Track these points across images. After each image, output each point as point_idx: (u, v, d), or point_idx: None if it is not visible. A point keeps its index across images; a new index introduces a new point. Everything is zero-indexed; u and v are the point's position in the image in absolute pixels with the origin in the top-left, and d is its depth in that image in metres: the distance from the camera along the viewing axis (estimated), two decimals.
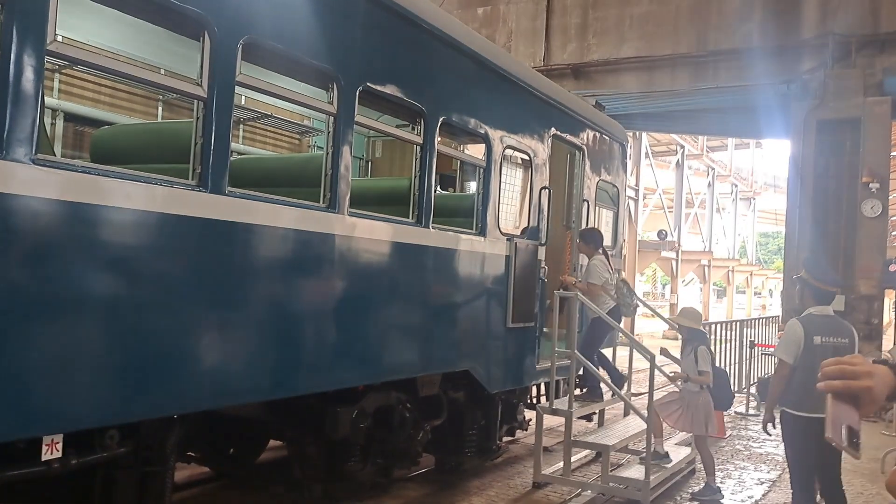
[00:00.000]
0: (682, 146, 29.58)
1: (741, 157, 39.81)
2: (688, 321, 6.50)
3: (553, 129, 6.84)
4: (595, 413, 7.54)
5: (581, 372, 6.95)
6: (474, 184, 6.47)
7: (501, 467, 7.05)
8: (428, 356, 5.34)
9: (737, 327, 12.69)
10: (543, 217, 6.61)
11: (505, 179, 6.15)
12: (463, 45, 5.46)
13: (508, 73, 6.11)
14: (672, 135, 26.88)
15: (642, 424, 6.37)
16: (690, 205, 32.73)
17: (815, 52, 11.40)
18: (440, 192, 6.59)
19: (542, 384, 7.28)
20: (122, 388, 3.18)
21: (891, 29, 10.91)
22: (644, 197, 26.89)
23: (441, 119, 5.15)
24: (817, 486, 4.84)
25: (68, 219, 2.92)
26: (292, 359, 4.06)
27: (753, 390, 11.37)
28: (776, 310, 27.17)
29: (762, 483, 7.02)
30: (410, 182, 5.08)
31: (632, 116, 14.53)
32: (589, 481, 6.45)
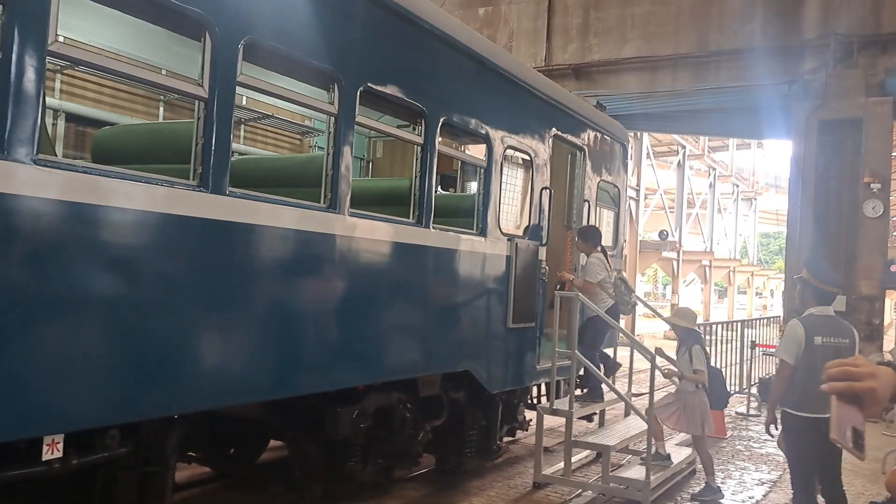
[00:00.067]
0: (684, 146, 29.58)
1: (742, 158, 39.85)
2: (683, 321, 6.53)
3: (554, 130, 6.84)
4: (595, 413, 7.54)
5: (582, 372, 6.96)
6: (475, 184, 6.47)
7: (502, 468, 7.05)
8: (428, 356, 5.34)
9: (738, 328, 12.69)
10: (544, 217, 6.61)
11: (506, 180, 6.14)
12: (464, 46, 5.46)
13: (509, 74, 6.11)
14: (673, 135, 26.88)
15: (643, 425, 6.37)
16: (692, 205, 32.74)
17: (817, 53, 11.40)
18: (441, 193, 6.59)
19: (543, 384, 7.28)
20: (123, 388, 3.19)
21: (892, 29, 10.91)
22: (645, 197, 26.88)
23: (442, 119, 5.15)
24: (818, 487, 4.84)
25: (69, 219, 2.92)
26: (293, 359, 4.06)
27: (754, 391, 11.37)
28: (777, 310, 27.17)
29: (763, 483, 7.02)
30: (411, 182, 5.08)
31: (633, 117, 14.53)
32: (589, 482, 6.45)
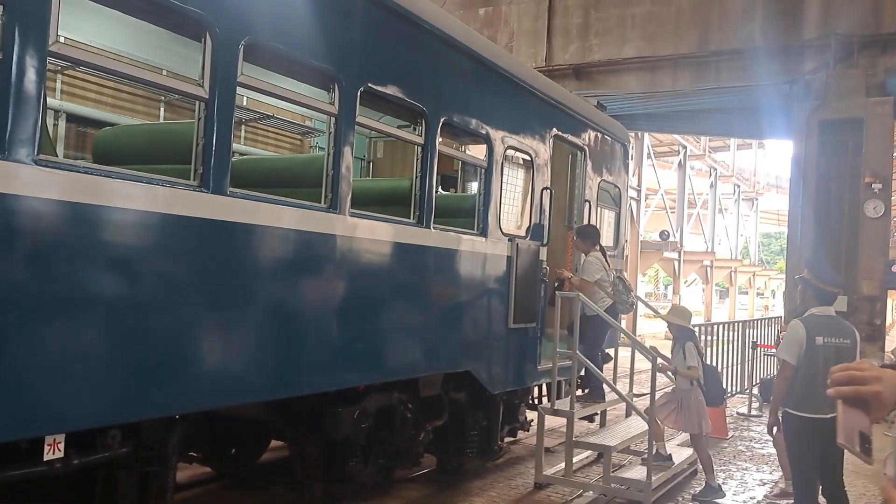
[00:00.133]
0: (685, 146, 29.58)
1: (743, 158, 39.85)
2: (677, 319, 6.66)
3: (555, 130, 6.84)
4: (597, 414, 7.54)
5: (583, 372, 6.95)
6: (476, 184, 6.47)
7: (503, 468, 7.05)
8: (429, 357, 5.33)
9: (739, 328, 12.69)
10: (545, 217, 6.61)
11: (506, 180, 6.14)
12: (464, 46, 5.46)
13: (510, 74, 6.11)
14: (674, 135, 26.88)
15: (644, 425, 6.36)
16: (693, 205, 32.74)
17: (818, 53, 11.39)
18: (441, 193, 6.59)
19: (544, 385, 7.28)
20: (124, 388, 3.19)
21: (893, 29, 10.90)
22: (646, 197, 26.89)
23: (442, 119, 5.15)
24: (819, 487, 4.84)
25: (70, 219, 2.92)
26: (293, 359, 4.06)
27: (756, 391, 11.36)
28: (779, 310, 27.15)
29: (764, 484, 7.01)
30: (412, 182, 5.08)
31: (634, 117, 14.53)
32: (591, 482, 6.45)
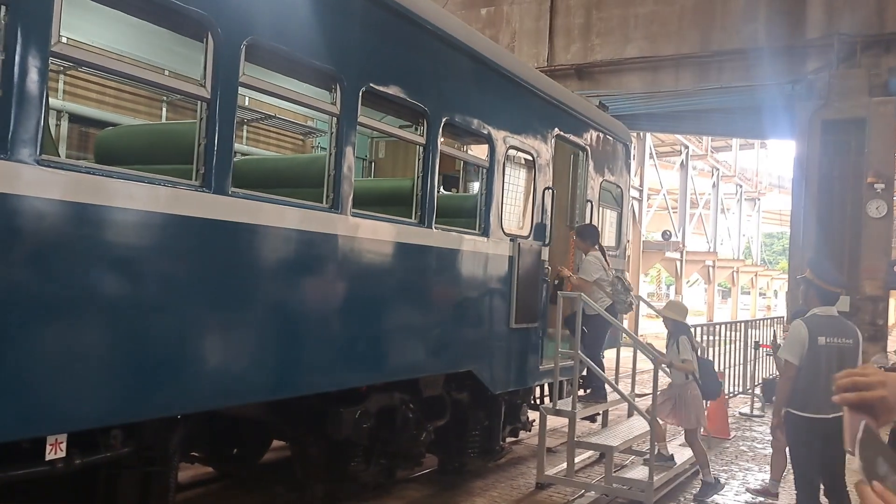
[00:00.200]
0: (687, 146, 29.56)
1: (746, 158, 39.80)
2: (672, 313, 6.72)
3: (556, 130, 6.83)
4: (599, 414, 7.54)
5: (585, 373, 6.95)
6: (477, 184, 6.47)
7: (505, 468, 7.05)
8: (431, 357, 5.33)
9: (741, 328, 12.67)
10: (547, 217, 6.60)
11: (508, 180, 6.14)
12: (466, 46, 5.46)
13: (512, 74, 6.11)
14: (676, 135, 26.85)
15: (646, 426, 6.36)
16: (695, 205, 32.70)
17: (821, 53, 11.37)
18: (443, 193, 6.59)
19: (546, 385, 7.27)
20: (126, 388, 3.19)
21: None
22: (648, 197, 26.86)
23: (444, 119, 5.15)
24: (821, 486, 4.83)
25: (72, 219, 2.92)
26: (295, 359, 4.07)
27: (758, 391, 11.34)
28: (781, 311, 27.10)
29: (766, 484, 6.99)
30: (413, 182, 5.08)
31: (636, 117, 14.52)
32: (592, 482, 6.45)
